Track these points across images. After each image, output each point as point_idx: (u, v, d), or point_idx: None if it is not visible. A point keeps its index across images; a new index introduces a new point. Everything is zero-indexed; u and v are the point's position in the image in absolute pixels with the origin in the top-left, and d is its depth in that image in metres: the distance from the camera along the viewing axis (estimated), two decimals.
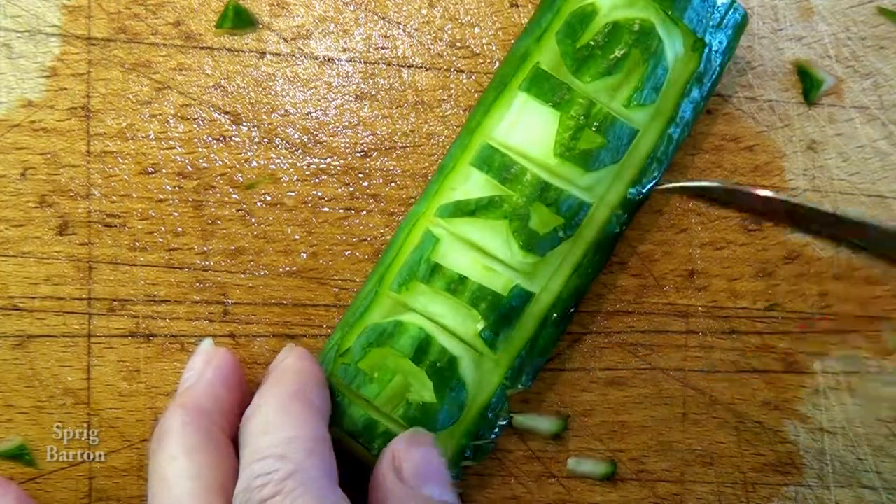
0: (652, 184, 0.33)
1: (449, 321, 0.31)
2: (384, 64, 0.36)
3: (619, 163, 0.32)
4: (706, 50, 0.32)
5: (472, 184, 0.32)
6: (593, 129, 0.31)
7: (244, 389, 0.32)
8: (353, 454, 0.32)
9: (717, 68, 0.33)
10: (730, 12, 0.32)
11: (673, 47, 0.32)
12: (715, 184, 0.35)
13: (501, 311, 0.31)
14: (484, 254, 0.32)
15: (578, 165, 0.32)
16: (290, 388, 0.30)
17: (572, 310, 0.33)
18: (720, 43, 0.32)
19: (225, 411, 0.31)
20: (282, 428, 0.28)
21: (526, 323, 0.32)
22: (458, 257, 0.32)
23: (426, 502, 0.29)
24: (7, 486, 0.33)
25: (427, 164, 0.35)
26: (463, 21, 0.36)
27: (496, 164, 0.32)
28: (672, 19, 0.32)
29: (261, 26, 0.35)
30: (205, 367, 0.32)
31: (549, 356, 0.33)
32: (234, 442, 0.30)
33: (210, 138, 0.35)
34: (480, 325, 0.31)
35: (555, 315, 0.32)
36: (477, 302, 0.31)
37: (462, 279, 0.31)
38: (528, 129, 0.32)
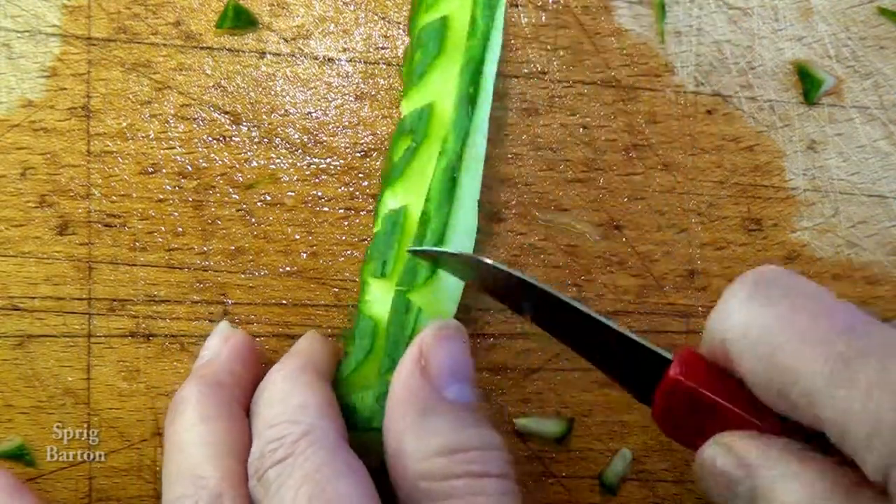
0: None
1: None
2: (384, 64, 0.36)
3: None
4: None
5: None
6: None
7: (260, 368, 0.33)
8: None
9: None
10: None
11: None
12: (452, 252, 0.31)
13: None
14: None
15: None
16: (299, 362, 0.31)
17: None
18: None
19: (241, 386, 0.31)
20: (293, 396, 0.29)
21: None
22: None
23: (449, 408, 0.28)
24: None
25: None
26: None
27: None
28: None
29: (261, 26, 0.35)
30: (222, 345, 0.32)
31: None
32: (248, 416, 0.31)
33: (210, 138, 0.35)
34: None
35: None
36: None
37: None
38: None
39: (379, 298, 0.32)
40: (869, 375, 0.22)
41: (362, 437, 0.30)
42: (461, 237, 0.32)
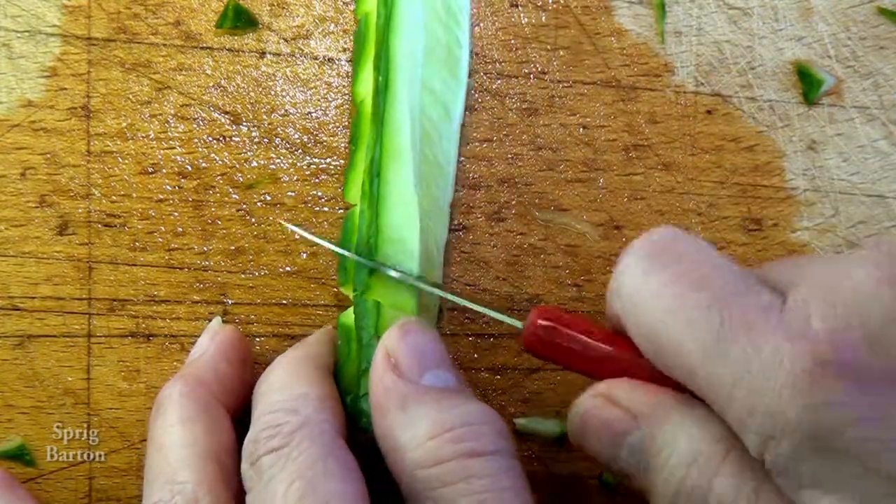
0: None
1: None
2: None
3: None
4: None
5: None
6: None
7: (248, 365, 0.33)
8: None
9: None
10: None
11: None
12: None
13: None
14: None
15: None
16: (301, 353, 0.31)
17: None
18: None
19: (224, 384, 0.31)
20: (293, 386, 0.29)
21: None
22: None
23: (429, 394, 0.27)
24: None
25: None
26: None
27: None
28: None
29: (261, 26, 0.35)
30: (209, 343, 0.33)
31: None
32: (233, 417, 0.31)
33: (210, 138, 0.35)
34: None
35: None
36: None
37: None
38: None
39: (350, 305, 0.33)
40: (741, 351, 0.22)
41: (360, 438, 0.30)
42: (400, 228, 0.32)
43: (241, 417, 0.31)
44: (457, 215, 0.35)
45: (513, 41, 0.36)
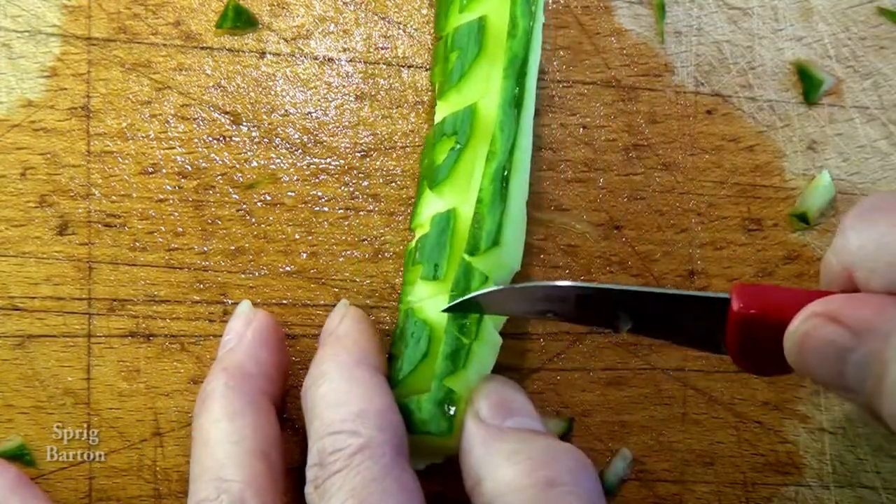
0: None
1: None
2: (384, 64, 0.36)
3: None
4: None
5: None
6: None
7: (284, 350, 0.33)
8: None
9: None
10: None
11: None
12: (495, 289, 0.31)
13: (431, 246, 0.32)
14: None
15: None
16: (353, 356, 0.30)
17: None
18: None
19: (267, 374, 0.31)
20: (352, 400, 0.28)
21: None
22: None
23: (511, 434, 0.28)
24: (5, 469, 0.33)
25: None
26: None
27: None
28: None
29: (261, 26, 0.35)
30: (245, 328, 0.32)
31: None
32: (275, 404, 0.31)
33: (210, 138, 0.35)
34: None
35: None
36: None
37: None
38: None
39: (430, 301, 0.31)
40: None
41: (418, 439, 0.30)
42: (514, 240, 0.32)
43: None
44: None
45: None
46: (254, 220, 0.35)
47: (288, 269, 0.35)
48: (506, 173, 0.31)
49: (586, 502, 0.26)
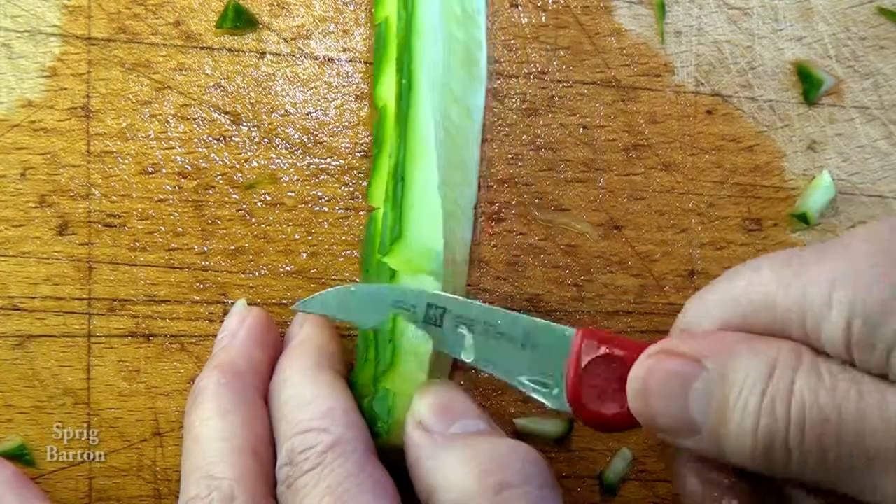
0: None
1: None
2: None
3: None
4: None
5: None
6: None
7: (278, 348, 0.33)
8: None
9: None
10: None
11: None
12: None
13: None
14: None
15: None
16: (315, 360, 0.31)
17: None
18: None
19: (258, 371, 0.31)
20: (318, 401, 0.29)
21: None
22: None
23: (458, 440, 0.28)
24: (2, 467, 0.33)
25: None
26: None
27: None
28: None
29: (261, 26, 0.35)
30: (238, 327, 0.32)
31: None
32: (266, 401, 0.31)
33: (210, 138, 0.35)
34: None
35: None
36: None
37: None
38: None
39: None
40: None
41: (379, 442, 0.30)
42: (424, 229, 0.32)
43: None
44: None
45: (513, 41, 0.36)
46: (254, 220, 0.35)
47: (288, 269, 0.35)
48: (400, 168, 0.32)
49: (538, 499, 0.26)
